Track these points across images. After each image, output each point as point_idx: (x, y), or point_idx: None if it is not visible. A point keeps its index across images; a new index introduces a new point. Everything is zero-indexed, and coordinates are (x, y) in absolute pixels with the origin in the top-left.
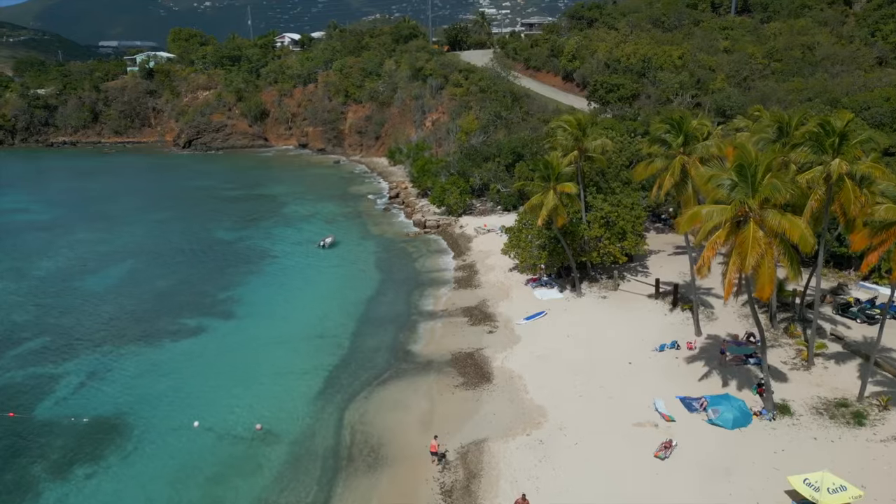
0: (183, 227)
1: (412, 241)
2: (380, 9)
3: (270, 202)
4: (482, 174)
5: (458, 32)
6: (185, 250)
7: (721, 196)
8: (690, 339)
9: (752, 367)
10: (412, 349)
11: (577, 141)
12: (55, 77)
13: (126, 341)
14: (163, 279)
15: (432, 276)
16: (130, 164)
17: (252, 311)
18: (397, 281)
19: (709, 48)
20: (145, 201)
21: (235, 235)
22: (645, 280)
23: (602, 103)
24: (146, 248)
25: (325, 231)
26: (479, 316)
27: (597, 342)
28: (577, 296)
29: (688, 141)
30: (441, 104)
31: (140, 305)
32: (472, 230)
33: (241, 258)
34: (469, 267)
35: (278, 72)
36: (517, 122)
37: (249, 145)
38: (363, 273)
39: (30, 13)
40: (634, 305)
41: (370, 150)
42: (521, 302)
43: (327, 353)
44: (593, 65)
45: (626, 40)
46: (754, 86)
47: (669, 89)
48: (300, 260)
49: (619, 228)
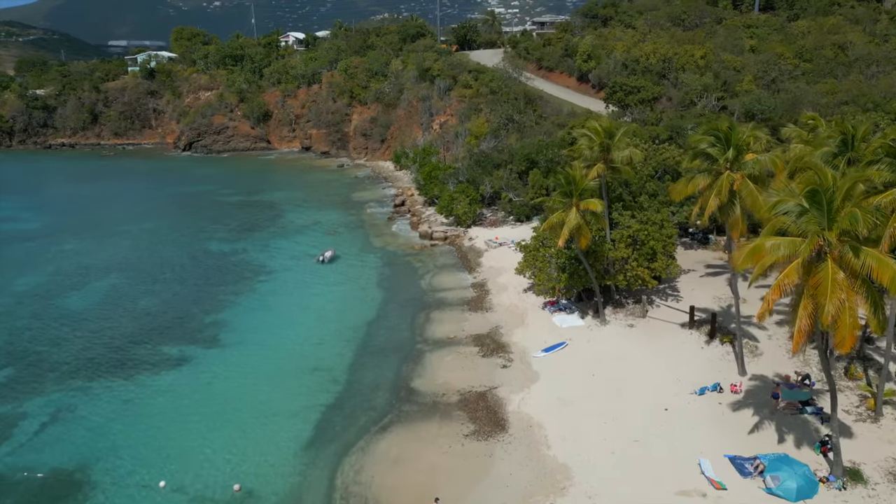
0: (175, 237)
1: (418, 255)
2: (388, 8)
3: (269, 210)
4: (493, 182)
5: (467, 31)
6: (174, 264)
7: (785, 225)
8: (734, 380)
9: (809, 418)
10: (416, 386)
11: (603, 151)
12: (54, 77)
13: (99, 374)
14: (147, 298)
15: (439, 297)
16: (128, 167)
17: (240, 337)
18: (401, 302)
19: (733, 47)
20: (138, 208)
21: (230, 247)
22: (676, 306)
23: (621, 106)
24: (134, 261)
25: (324, 243)
26: (491, 346)
27: (627, 382)
28: (601, 323)
29: (737, 154)
30: (449, 106)
31: (120, 329)
32: (483, 243)
33: (234, 274)
34: (480, 286)
35: (282, 72)
36: (530, 126)
37: (251, 148)
38: (364, 292)
39: (39, 13)
40: (666, 336)
41: (375, 153)
42: (537, 329)
43: (321, 390)
44: (610, 65)
45: (645, 39)
46: (784, 87)
47: (693, 91)
48: (297, 276)
49: (648, 249)
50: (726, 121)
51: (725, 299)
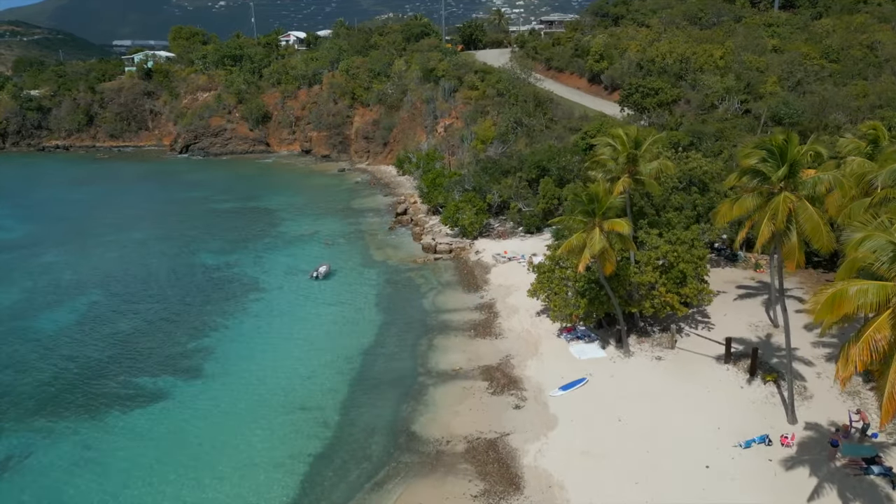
0: (164, 248)
1: (420, 270)
2: (392, 8)
3: (265, 218)
4: (501, 191)
5: (473, 30)
6: (161, 280)
7: (868, 263)
8: (783, 429)
9: (876, 481)
10: (418, 430)
11: (629, 163)
12: (50, 77)
13: (65, 411)
14: (128, 319)
15: (443, 319)
16: (121, 171)
17: (224, 367)
18: (402, 325)
19: (754, 47)
20: (128, 216)
21: (221, 260)
22: (708, 335)
23: (637, 109)
24: (118, 275)
25: (321, 256)
26: (501, 380)
27: (659, 430)
28: (625, 355)
29: (793, 172)
30: (454, 108)
31: (94, 356)
32: (490, 257)
33: (223, 292)
34: (488, 307)
35: (282, 72)
36: (540, 130)
37: (250, 151)
38: (361, 314)
39: (44, 13)
40: (700, 371)
41: (377, 156)
42: (553, 360)
43: (309, 434)
44: (624, 65)
45: (660, 38)
46: (811, 90)
47: (714, 94)
48: (289, 295)
49: (677, 272)
50: (781, 132)
51: (762, 327)
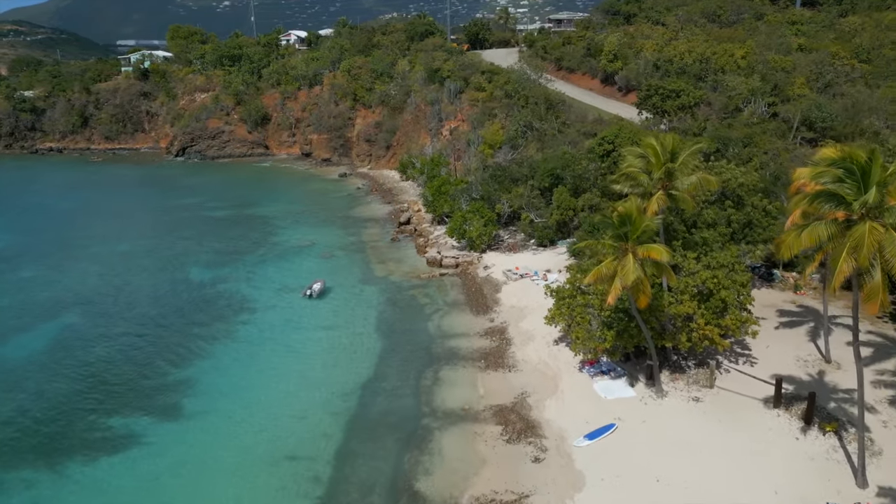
0: (150, 262)
1: (424, 287)
2: (396, 8)
3: (259, 227)
4: (511, 200)
5: (479, 29)
6: (143, 299)
7: None
8: (853, 495)
9: None
10: (422, 489)
11: (664, 177)
12: (44, 78)
13: (20, 460)
14: (104, 345)
15: (450, 346)
16: (114, 175)
17: (206, 405)
18: (404, 353)
19: (778, 46)
20: (116, 225)
21: (210, 276)
22: (751, 371)
23: (657, 113)
24: (99, 293)
25: (317, 271)
26: (517, 425)
27: (705, 494)
28: (657, 395)
29: (881, 197)
30: (460, 110)
31: (63, 390)
32: (501, 273)
33: (210, 313)
34: (499, 333)
35: (281, 73)
36: (552, 135)
37: (248, 154)
38: (359, 340)
39: (47, 13)
40: (745, 417)
41: (380, 160)
42: (575, 400)
43: (298, 492)
44: (640, 66)
45: (677, 37)
46: (841, 92)
47: (738, 96)
48: (282, 316)
49: (717, 301)
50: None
51: (812, 363)
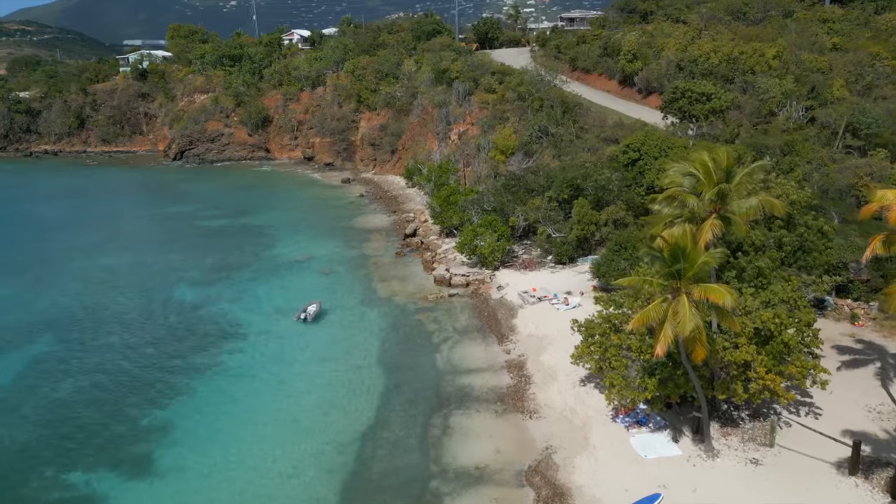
0: (135, 279)
1: (432, 311)
2: (402, 8)
3: (255, 239)
4: (527, 213)
5: (488, 28)
6: (122, 324)
7: None
8: None
9: None
10: None
11: (717, 200)
12: (40, 78)
13: None
14: (73, 380)
15: (461, 385)
16: (108, 179)
17: (182, 458)
18: (409, 394)
19: (811, 45)
20: (102, 237)
21: (198, 296)
22: (815, 424)
23: (685, 118)
24: (75, 316)
25: (314, 288)
26: (543, 490)
27: None
28: (707, 454)
29: None
30: (469, 113)
31: (20, 438)
32: (516, 295)
33: (194, 341)
34: (517, 368)
35: (283, 73)
36: (569, 140)
37: (248, 157)
38: (360, 375)
39: (53, 13)
40: (817, 488)
41: (385, 165)
42: (610, 458)
43: None
44: (661, 66)
45: (700, 35)
46: (882, 94)
47: (772, 99)
48: (273, 346)
49: (779, 344)
50: None
51: (888, 414)
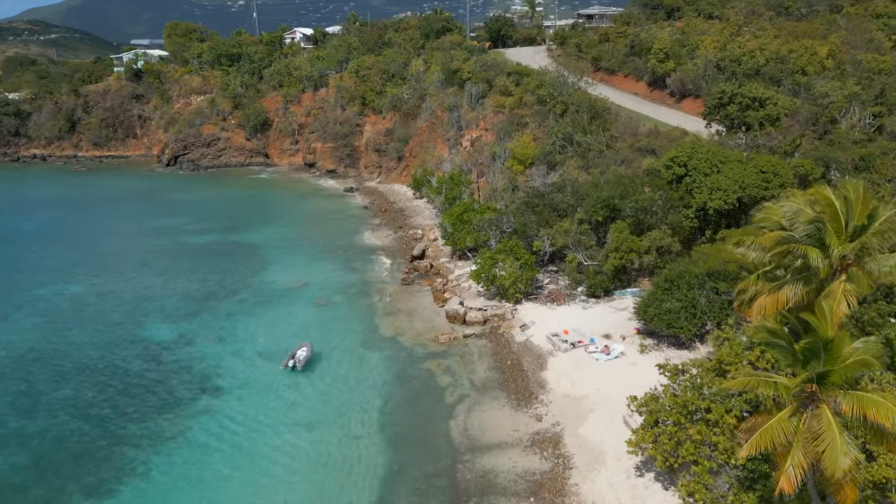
0: (102, 311)
1: (444, 357)
2: (410, 7)
3: (244, 260)
4: (553, 237)
5: (501, 25)
6: (81, 370)
7: None
8: None
9: None
10: None
11: (853, 254)
12: (31, 79)
13: None
14: (8, 452)
15: (483, 469)
16: (94, 189)
17: None
18: (418, 481)
19: (866, 44)
20: (75, 257)
21: (172, 334)
22: None
23: (735, 126)
24: (24, 360)
25: (306, 326)
26: None
27: None
28: None
29: None
30: (483, 118)
31: None
32: (544, 338)
33: (160, 395)
34: (552, 444)
35: (284, 73)
36: (598, 151)
37: (246, 163)
38: (356, 450)
39: (63, 12)
40: None
41: (391, 173)
42: None
43: None
44: (699, 66)
45: (740, 32)
46: None
47: (834, 105)
48: (253, 405)
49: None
50: None
51: None
